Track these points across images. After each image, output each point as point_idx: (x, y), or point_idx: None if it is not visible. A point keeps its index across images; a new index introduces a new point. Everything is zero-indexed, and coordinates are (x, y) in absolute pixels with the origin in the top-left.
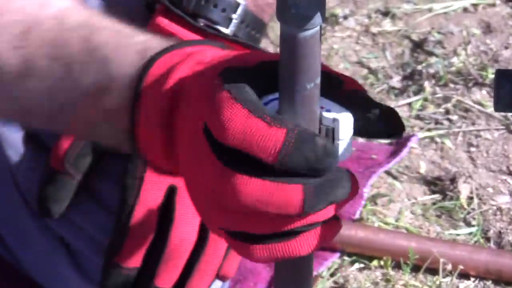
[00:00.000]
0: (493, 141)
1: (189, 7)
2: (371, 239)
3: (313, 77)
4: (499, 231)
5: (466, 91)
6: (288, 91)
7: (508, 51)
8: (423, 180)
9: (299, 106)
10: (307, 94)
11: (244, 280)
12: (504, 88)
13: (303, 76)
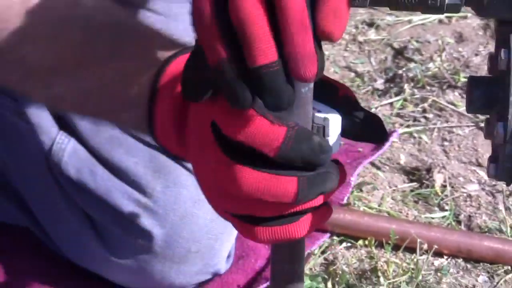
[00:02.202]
0: (464, 137)
1: None
2: (357, 221)
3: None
4: (469, 215)
5: (440, 93)
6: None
7: (478, 58)
8: (402, 170)
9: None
10: (303, 97)
11: (246, 256)
12: (475, 93)
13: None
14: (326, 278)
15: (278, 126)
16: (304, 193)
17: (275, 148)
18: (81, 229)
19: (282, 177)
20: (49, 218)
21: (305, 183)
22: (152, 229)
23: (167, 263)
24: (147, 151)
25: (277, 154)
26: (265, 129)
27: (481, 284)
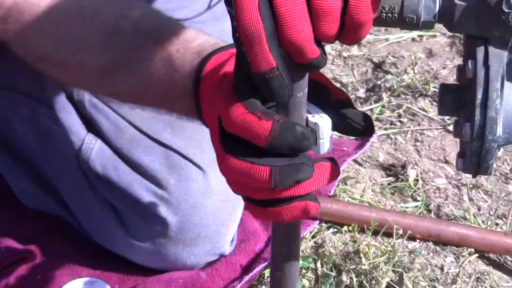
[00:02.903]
0: (434, 138)
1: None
2: (342, 210)
3: (302, 88)
4: (438, 205)
5: (413, 100)
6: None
7: (445, 70)
8: (381, 167)
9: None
10: (297, 100)
11: (247, 240)
12: (446, 98)
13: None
14: (316, 258)
15: (265, 120)
16: (276, 179)
17: (264, 139)
18: (106, 217)
19: (257, 166)
20: (79, 207)
21: (277, 171)
22: (167, 217)
23: (179, 246)
24: (162, 151)
25: (267, 144)
26: (254, 123)
27: (449, 264)
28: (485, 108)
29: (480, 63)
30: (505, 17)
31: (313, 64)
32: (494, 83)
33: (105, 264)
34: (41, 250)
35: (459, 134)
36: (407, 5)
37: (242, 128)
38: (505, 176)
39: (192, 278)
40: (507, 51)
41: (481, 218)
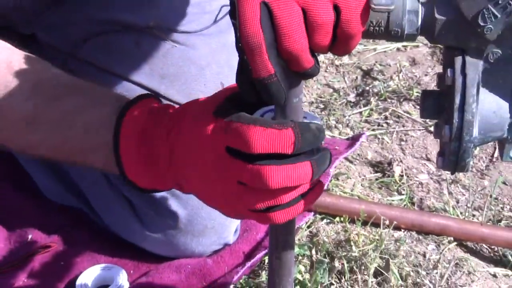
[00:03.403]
0: (417, 138)
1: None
2: (334, 203)
3: (298, 94)
4: (420, 198)
5: (398, 104)
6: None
7: (427, 77)
8: (369, 164)
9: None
10: (294, 106)
11: (249, 230)
12: (427, 102)
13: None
14: (311, 246)
15: (284, 129)
16: (316, 171)
17: (291, 146)
18: (123, 211)
19: (299, 164)
20: (99, 203)
21: (315, 163)
22: (178, 211)
23: (189, 236)
24: None
25: (294, 150)
26: (276, 136)
27: (430, 251)
28: (462, 112)
29: (458, 71)
30: (481, 30)
31: (308, 72)
32: (471, 89)
33: (122, 252)
34: (64, 240)
35: (439, 135)
36: (392, 20)
37: (271, 144)
38: (481, 172)
39: (200, 264)
40: (482, 60)
41: (459, 210)
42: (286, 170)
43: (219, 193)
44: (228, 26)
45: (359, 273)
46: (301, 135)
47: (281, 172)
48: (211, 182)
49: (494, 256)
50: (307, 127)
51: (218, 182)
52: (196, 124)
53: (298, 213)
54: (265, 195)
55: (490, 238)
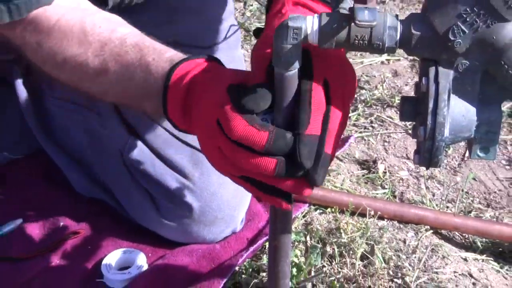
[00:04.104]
0: (398, 139)
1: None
2: (327, 195)
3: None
4: (401, 192)
5: (382, 110)
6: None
7: (407, 87)
8: (357, 162)
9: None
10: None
11: (252, 219)
12: (405, 107)
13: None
14: (306, 233)
15: (263, 131)
16: (280, 172)
17: (262, 146)
18: (143, 201)
19: (265, 158)
20: (122, 194)
21: (281, 165)
22: (192, 203)
23: (201, 225)
24: (189, 150)
25: (263, 149)
26: (254, 134)
27: (410, 238)
28: (435, 115)
29: (432, 80)
30: (451, 44)
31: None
32: (442, 95)
33: (141, 237)
34: (91, 227)
35: (415, 135)
36: (374, 34)
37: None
38: (453, 170)
39: (209, 249)
40: (453, 70)
41: (435, 202)
42: (254, 159)
43: (205, 148)
44: (235, 42)
45: (348, 257)
46: (274, 141)
47: (250, 159)
48: (204, 140)
49: (465, 243)
50: (283, 136)
51: (206, 141)
52: (209, 92)
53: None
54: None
55: (461, 227)
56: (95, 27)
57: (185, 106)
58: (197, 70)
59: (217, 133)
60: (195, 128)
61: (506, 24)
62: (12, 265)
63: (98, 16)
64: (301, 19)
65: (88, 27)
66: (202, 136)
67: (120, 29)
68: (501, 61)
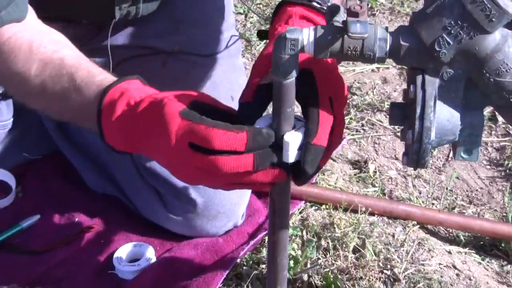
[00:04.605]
0: (387, 141)
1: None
2: (321, 193)
3: (290, 105)
4: (390, 190)
5: (373, 114)
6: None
7: (396, 93)
8: (349, 162)
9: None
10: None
11: (253, 215)
12: (394, 112)
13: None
14: (302, 228)
15: (240, 132)
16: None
17: (244, 145)
18: (151, 198)
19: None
20: (132, 191)
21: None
22: (196, 198)
23: (204, 220)
24: None
25: (246, 149)
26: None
27: (398, 232)
28: (422, 120)
29: (419, 87)
30: (437, 54)
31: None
32: (429, 101)
33: (150, 232)
34: (104, 222)
35: (404, 138)
36: (366, 45)
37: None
38: (438, 169)
39: (213, 242)
40: (438, 78)
41: (421, 199)
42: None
43: (178, 172)
44: (236, 51)
45: (341, 250)
46: (253, 138)
47: (228, 162)
48: (173, 165)
49: (449, 237)
50: (259, 132)
51: (179, 166)
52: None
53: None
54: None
55: (446, 222)
56: (41, 47)
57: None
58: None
59: (193, 155)
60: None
61: (487, 36)
62: (30, 258)
63: (47, 37)
64: (298, 31)
65: (35, 46)
66: (170, 162)
67: (63, 50)
68: (483, 70)
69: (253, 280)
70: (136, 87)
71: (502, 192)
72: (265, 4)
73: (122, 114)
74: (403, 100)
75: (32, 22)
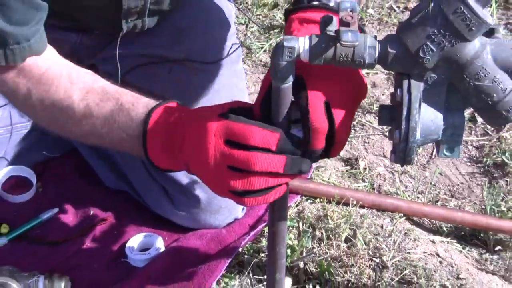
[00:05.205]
0: (376, 140)
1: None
2: (316, 188)
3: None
4: (379, 185)
5: (363, 116)
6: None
7: (384, 96)
8: (341, 159)
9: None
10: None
11: (253, 208)
12: (383, 113)
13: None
14: (298, 220)
15: (276, 132)
16: (289, 166)
17: (275, 144)
18: (159, 194)
19: (277, 156)
20: (142, 188)
21: (290, 160)
22: (199, 195)
23: (207, 214)
24: None
25: (277, 148)
26: (268, 135)
27: (386, 224)
28: (408, 121)
29: (405, 91)
30: (421, 60)
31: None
32: (414, 104)
33: (158, 224)
34: (116, 215)
35: (391, 138)
36: (357, 53)
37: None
38: (423, 166)
39: (216, 233)
40: (423, 82)
41: (407, 193)
42: (267, 158)
43: (212, 175)
44: (236, 58)
45: (334, 240)
46: (283, 140)
47: (263, 158)
48: (208, 166)
49: (433, 228)
50: (292, 136)
51: (213, 166)
52: (203, 122)
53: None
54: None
55: (430, 214)
56: (80, 77)
57: (168, 147)
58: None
59: (229, 150)
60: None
61: (468, 43)
62: (49, 248)
63: (81, 69)
64: (295, 40)
65: (74, 76)
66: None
67: (101, 80)
68: (463, 75)
69: (253, 268)
70: (176, 108)
71: (481, 186)
72: (265, 15)
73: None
74: (391, 103)
75: (59, 58)
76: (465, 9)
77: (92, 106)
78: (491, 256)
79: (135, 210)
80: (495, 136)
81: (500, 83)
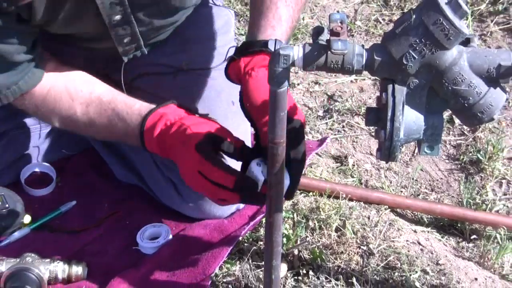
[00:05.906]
0: (363, 140)
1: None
2: (309, 182)
3: (283, 109)
4: (366, 180)
5: (351, 117)
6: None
7: (371, 100)
8: (332, 157)
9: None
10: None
11: None
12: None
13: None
14: (293, 211)
15: (230, 175)
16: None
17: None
18: (167, 187)
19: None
20: (152, 181)
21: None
22: None
23: (212, 205)
24: None
25: (234, 187)
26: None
27: (372, 215)
28: (392, 122)
29: (390, 94)
30: (404, 67)
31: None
32: (398, 106)
33: (167, 215)
34: (128, 207)
35: (377, 137)
36: (346, 60)
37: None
38: (406, 163)
39: (219, 223)
40: (406, 87)
41: (392, 188)
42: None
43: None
44: None
45: (325, 229)
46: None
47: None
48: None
49: (415, 219)
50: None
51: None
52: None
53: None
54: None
55: (412, 206)
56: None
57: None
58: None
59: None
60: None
61: (446, 51)
62: (68, 236)
63: (78, 80)
64: (290, 48)
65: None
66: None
67: (97, 89)
68: (442, 80)
69: (252, 255)
70: (172, 110)
71: (458, 181)
72: None
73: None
74: (377, 106)
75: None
76: (444, 20)
77: (93, 118)
78: (467, 244)
79: (145, 202)
80: (471, 136)
81: (475, 87)
